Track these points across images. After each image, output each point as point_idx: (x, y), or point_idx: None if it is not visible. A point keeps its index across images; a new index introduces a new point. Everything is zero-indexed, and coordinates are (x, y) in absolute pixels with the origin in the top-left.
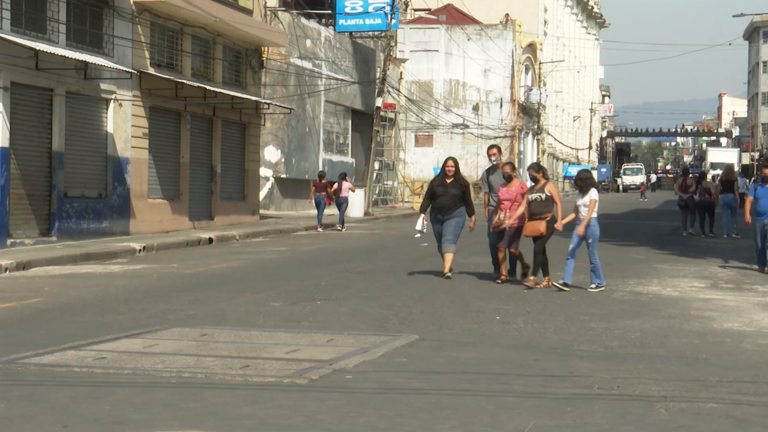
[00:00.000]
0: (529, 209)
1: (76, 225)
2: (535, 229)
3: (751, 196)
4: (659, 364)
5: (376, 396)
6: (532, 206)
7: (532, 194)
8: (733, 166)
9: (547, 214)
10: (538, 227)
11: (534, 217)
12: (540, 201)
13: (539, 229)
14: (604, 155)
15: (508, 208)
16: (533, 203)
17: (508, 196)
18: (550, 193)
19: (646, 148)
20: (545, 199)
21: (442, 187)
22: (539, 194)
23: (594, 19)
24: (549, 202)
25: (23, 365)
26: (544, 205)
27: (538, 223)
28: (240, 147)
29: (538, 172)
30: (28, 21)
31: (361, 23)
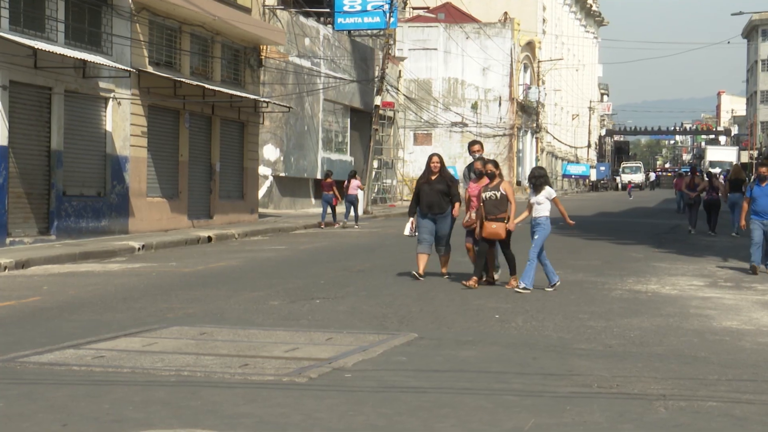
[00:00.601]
0: (484, 209)
1: (75, 224)
2: (494, 233)
3: (748, 196)
4: (658, 362)
5: (375, 394)
6: (486, 205)
7: (486, 192)
8: (741, 166)
9: (502, 214)
10: (498, 231)
11: (489, 217)
12: (494, 200)
13: (499, 234)
14: (603, 154)
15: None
16: (487, 202)
17: (477, 193)
18: (504, 191)
19: (644, 147)
20: (500, 198)
21: (428, 184)
22: (494, 192)
23: (593, 17)
24: (503, 201)
25: (22, 364)
26: (498, 204)
27: (497, 225)
28: (239, 145)
29: (496, 168)
30: (27, 19)
31: (360, 22)
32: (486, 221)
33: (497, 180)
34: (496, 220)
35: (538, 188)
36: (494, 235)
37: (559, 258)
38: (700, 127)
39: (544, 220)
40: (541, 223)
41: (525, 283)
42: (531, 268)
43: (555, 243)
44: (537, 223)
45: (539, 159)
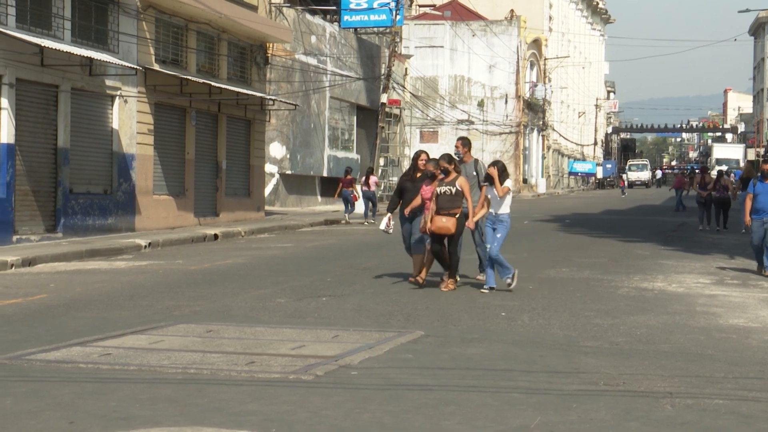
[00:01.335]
0: (437, 203)
1: (82, 221)
2: (444, 227)
3: (750, 192)
4: (664, 360)
5: (381, 392)
6: (440, 200)
7: (440, 187)
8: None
9: (456, 210)
10: (447, 225)
11: (441, 212)
12: (449, 195)
13: (448, 228)
14: (609, 151)
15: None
16: (441, 197)
17: (430, 195)
18: (460, 187)
19: (651, 144)
20: (455, 194)
21: (411, 182)
22: (448, 188)
23: (599, 14)
24: (459, 196)
25: (29, 361)
26: (453, 199)
27: (447, 219)
28: (245, 143)
29: (450, 163)
30: (33, 17)
31: (366, 19)
32: (436, 216)
33: (453, 175)
34: (447, 215)
35: (500, 180)
36: (443, 230)
37: (566, 255)
38: (707, 124)
39: (507, 217)
40: (504, 221)
41: (509, 279)
42: (503, 262)
43: (561, 240)
44: (500, 221)
45: (545, 156)
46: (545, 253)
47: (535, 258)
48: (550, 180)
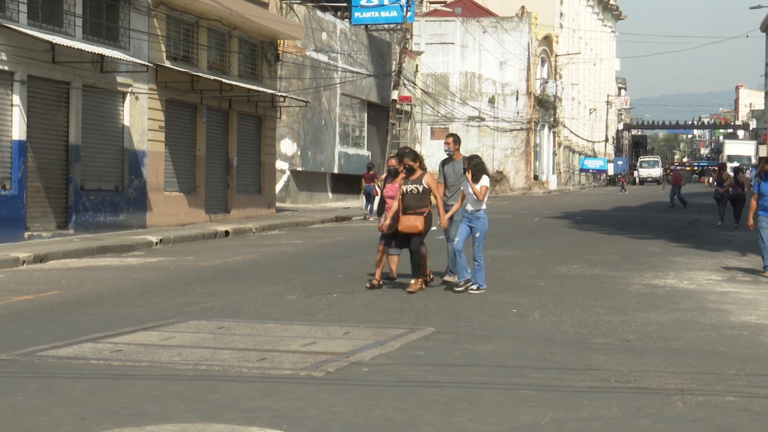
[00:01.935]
0: (403, 202)
1: (93, 218)
2: (412, 225)
3: (755, 192)
4: (676, 357)
5: (392, 388)
6: (406, 199)
7: (406, 186)
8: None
9: (423, 209)
10: (415, 224)
11: (408, 212)
12: (415, 193)
13: (416, 226)
14: (620, 148)
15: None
16: (407, 196)
17: (391, 193)
18: (427, 185)
19: (662, 141)
20: (421, 192)
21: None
22: (415, 186)
23: (610, 11)
24: (426, 194)
25: (41, 358)
26: (419, 198)
27: (415, 218)
28: (256, 140)
29: (415, 161)
30: (45, 14)
31: (377, 16)
32: (403, 215)
33: (419, 173)
34: (415, 214)
35: (476, 178)
36: (411, 229)
37: (577, 252)
38: (718, 121)
39: (483, 214)
40: (481, 218)
41: (479, 283)
42: (481, 267)
43: (572, 237)
44: (476, 218)
45: (556, 153)
46: (556, 250)
47: (545, 255)
48: (561, 177)
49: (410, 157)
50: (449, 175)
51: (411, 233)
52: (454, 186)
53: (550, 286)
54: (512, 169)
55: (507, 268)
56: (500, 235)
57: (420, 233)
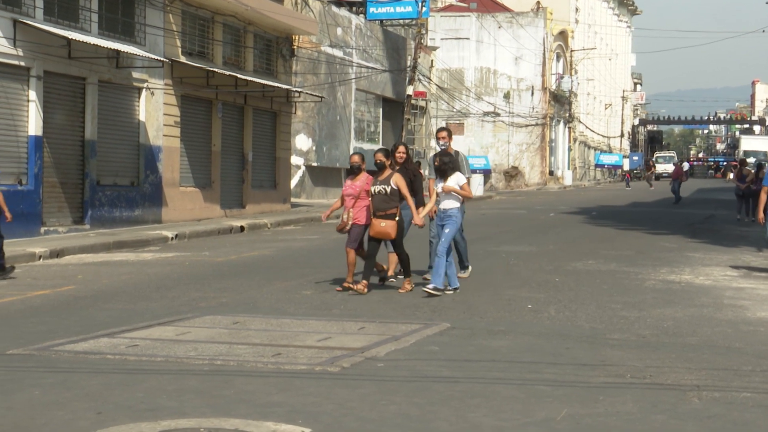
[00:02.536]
0: (373, 204)
1: (109, 213)
2: (383, 232)
3: (766, 185)
4: (692, 352)
5: (407, 384)
6: (375, 200)
7: (375, 186)
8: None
9: (392, 210)
10: (387, 231)
11: (378, 214)
12: (383, 194)
13: (388, 233)
14: (636, 143)
15: (352, 206)
16: (376, 197)
17: (351, 191)
18: (396, 185)
19: (678, 136)
20: (390, 193)
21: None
22: (383, 186)
23: (625, 6)
24: (394, 195)
25: (57, 352)
26: (389, 199)
27: (387, 224)
28: (271, 135)
29: (386, 157)
30: (61, 10)
31: (392, 11)
32: (374, 218)
33: (388, 172)
34: (385, 217)
35: (446, 175)
36: (383, 235)
37: (592, 248)
38: (735, 116)
39: (456, 212)
40: (453, 216)
41: (435, 283)
42: (441, 265)
43: (587, 232)
44: (447, 216)
45: (572, 149)
46: (571, 246)
47: (561, 250)
48: (576, 172)
49: (382, 153)
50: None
51: (384, 239)
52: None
53: (565, 281)
54: (527, 164)
55: (522, 263)
56: (515, 230)
57: (393, 240)
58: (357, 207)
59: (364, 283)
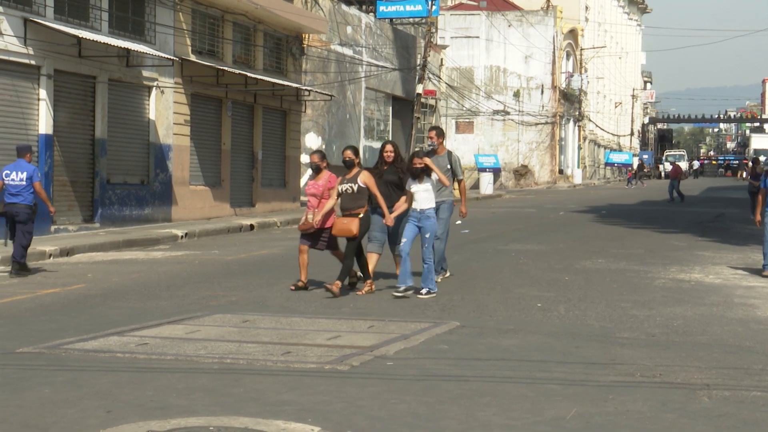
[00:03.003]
0: (340, 202)
1: (119, 211)
2: (346, 228)
3: (764, 188)
4: (702, 351)
5: (416, 383)
6: (342, 200)
7: (342, 185)
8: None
9: (359, 209)
10: (349, 227)
11: (345, 213)
12: (350, 193)
13: (350, 229)
14: (646, 142)
15: (316, 206)
16: (343, 196)
17: (314, 191)
18: (364, 183)
19: (688, 135)
20: (357, 191)
21: (379, 176)
22: (350, 185)
23: (636, 4)
24: (362, 194)
25: (67, 350)
26: (356, 198)
27: (349, 221)
28: (281, 134)
29: (355, 155)
30: (71, 9)
31: (402, 10)
32: (338, 218)
33: (356, 170)
34: (351, 215)
35: (421, 175)
36: (344, 232)
37: (602, 246)
38: (745, 114)
39: (432, 212)
40: (430, 216)
41: (429, 287)
42: (431, 270)
43: (597, 231)
44: (425, 216)
45: (581, 147)
46: (581, 244)
47: (570, 249)
48: (586, 171)
49: (351, 150)
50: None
51: (346, 236)
52: (439, 182)
53: (575, 280)
54: (537, 163)
55: (532, 262)
56: (525, 229)
57: (354, 237)
58: (321, 207)
59: (337, 284)
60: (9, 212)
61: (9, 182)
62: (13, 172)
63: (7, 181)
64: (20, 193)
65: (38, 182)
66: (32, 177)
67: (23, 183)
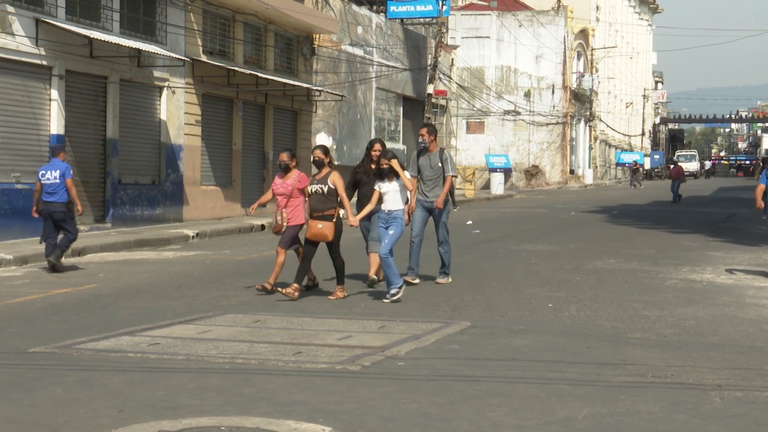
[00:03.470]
0: (309, 203)
1: (130, 212)
2: (321, 234)
3: (762, 184)
4: (713, 352)
5: (428, 383)
6: (312, 201)
7: (312, 186)
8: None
9: (330, 211)
10: (324, 232)
11: (315, 215)
12: (320, 194)
13: (324, 235)
14: (657, 142)
15: (284, 206)
16: (313, 197)
17: (282, 190)
18: (333, 184)
19: (699, 135)
20: (327, 193)
21: (366, 174)
22: (320, 186)
23: (647, 4)
24: (332, 195)
25: (79, 350)
26: (325, 199)
27: (323, 225)
28: (292, 134)
29: (326, 154)
30: (83, 9)
31: (413, 10)
32: (311, 220)
33: (326, 170)
34: (322, 218)
35: (389, 175)
36: (319, 237)
37: (613, 247)
38: (756, 114)
39: (401, 214)
40: (398, 217)
41: (396, 287)
42: (390, 267)
43: (608, 231)
44: (393, 218)
45: (592, 147)
46: (592, 244)
47: (581, 249)
48: (597, 171)
49: (321, 150)
50: (425, 169)
51: (321, 241)
52: (431, 180)
53: (586, 280)
54: (548, 163)
55: (543, 262)
56: (536, 229)
57: (330, 243)
58: (290, 206)
59: (294, 286)
60: (46, 211)
61: (45, 182)
62: (48, 171)
63: (43, 180)
64: (56, 191)
65: (70, 179)
66: (65, 174)
67: (57, 181)
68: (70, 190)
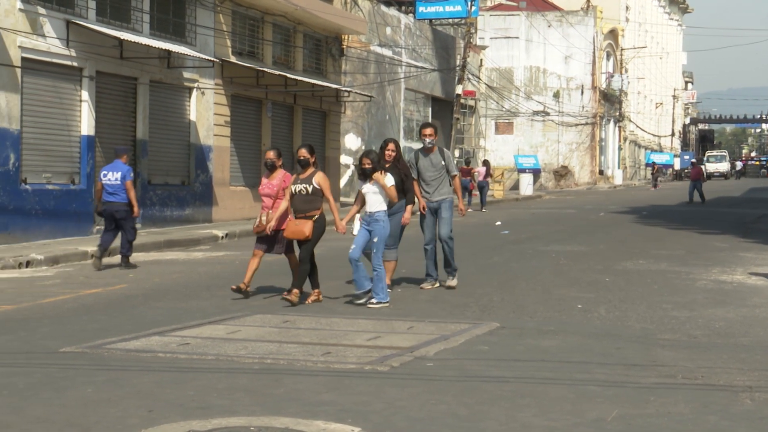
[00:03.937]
0: (293, 204)
1: (160, 212)
2: (298, 230)
3: None
4: (744, 353)
5: (456, 383)
6: (295, 201)
7: (295, 185)
8: None
9: (314, 212)
10: (302, 228)
11: (298, 215)
12: (304, 194)
13: (302, 231)
14: (687, 142)
15: (270, 207)
16: (296, 197)
17: (268, 191)
18: (318, 184)
19: (730, 135)
20: (312, 193)
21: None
22: (304, 186)
23: (677, 4)
24: (316, 196)
25: (109, 350)
26: (310, 199)
27: (303, 223)
28: (320, 134)
29: (311, 154)
30: (113, 11)
31: (441, 10)
32: (291, 220)
33: (310, 170)
34: (304, 218)
35: (369, 177)
36: (296, 234)
37: (643, 248)
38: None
39: (383, 216)
40: (380, 219)
41: (379, 299)
42: (380, 278)
43: (637, 232)
44: (374, 220)
45: (622, 148)
46: (621, 245)
47: (611, 249)
48: (627, 171)
49: (306, 149)
50: (427, 170)
51: (298, 239)
52: (435, 180)
53: (615, 281)
54: (577, 163)
55: (572, 263)
56: (565, 230)
57: (307, 239)
58: (276, 208)
59: (295, 292)
60: (108, 210)
61: (106, 182)
62: (109, 172)
63: (104, 181)
64: (116, 192)
65: (129, 181)
66: (125, 176)
67: (118, 182)
68: (129, 192)
